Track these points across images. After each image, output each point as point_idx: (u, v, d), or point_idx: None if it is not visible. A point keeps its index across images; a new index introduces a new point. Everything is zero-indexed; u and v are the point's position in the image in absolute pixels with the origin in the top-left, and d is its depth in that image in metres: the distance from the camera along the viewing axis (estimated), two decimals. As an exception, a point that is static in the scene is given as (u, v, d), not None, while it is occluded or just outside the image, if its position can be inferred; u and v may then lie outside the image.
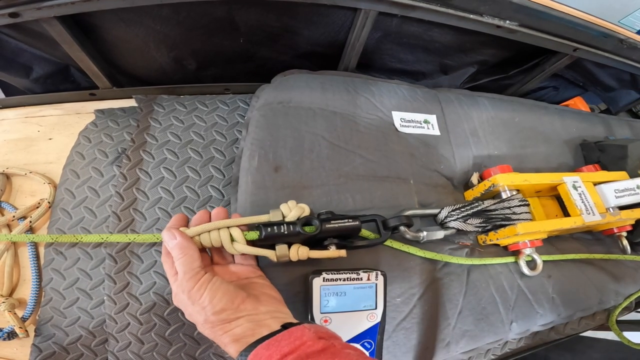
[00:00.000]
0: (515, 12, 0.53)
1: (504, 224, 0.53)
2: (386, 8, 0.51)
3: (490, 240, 0.55)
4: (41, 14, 0.43)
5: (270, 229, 0.40)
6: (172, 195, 0.50)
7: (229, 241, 0.39)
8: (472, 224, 0.52)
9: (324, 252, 0.42)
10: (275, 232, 0.40)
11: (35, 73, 0.57)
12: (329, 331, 0.34)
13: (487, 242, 0.55)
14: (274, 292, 0.39)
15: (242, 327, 0.33)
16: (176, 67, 0.59)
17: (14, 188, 0.52)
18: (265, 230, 0.40)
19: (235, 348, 0.32)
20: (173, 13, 0.49)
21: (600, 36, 0.60)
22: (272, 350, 0.30)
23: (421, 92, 0.64)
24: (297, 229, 0.40)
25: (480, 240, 0.56)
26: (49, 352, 0.42)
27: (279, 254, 0.41)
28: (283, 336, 0.31)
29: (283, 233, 0.40)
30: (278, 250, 0.41)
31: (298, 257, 0.41)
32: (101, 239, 0.42)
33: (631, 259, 0.63)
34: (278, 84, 0.56)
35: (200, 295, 0.34)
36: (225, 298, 0.34)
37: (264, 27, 0.55)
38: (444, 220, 0.52)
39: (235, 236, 0.39)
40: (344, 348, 0.32)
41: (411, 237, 0.50)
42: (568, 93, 0.88)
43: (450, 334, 0.49)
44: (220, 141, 0.54)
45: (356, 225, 0.43)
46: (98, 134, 0.53)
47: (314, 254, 0.42)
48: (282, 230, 0.40)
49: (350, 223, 0.43)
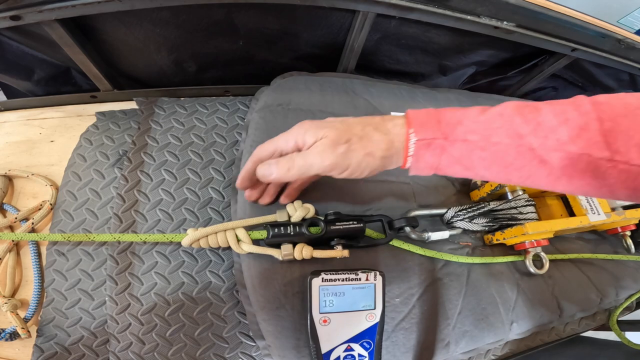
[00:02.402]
0: (512, 13, 0.54)
1: (511, 224, 0.53)
2: (384, 10, 0.52)
3: (496, 240, 0.55)
4: (42, 17, 0.44)
5: (278, 229, 0.42)
6: (173, 197, 0.50)
7: (236, 241, 0.41)
8: (479, 224, 0.52)
9: (328, 252, 0.43)
10: (282, 232, 0.42)
11: (37, 75, 0.57)
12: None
13: (494, 241, 0.55)
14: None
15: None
16: (176, 69, 0.59)
17: (16, 190, 0.52)
18: (273, 230, 0.42)
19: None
20: (172, 16, 0.50)
21: (598, 36, 0.60)
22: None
23: (421, 93, 0.64)
24: (303, 230, 0.42)
25: (487, 240, 0.56)
26: (51, 353, 0.43)
27: (285, 253, 0.42)
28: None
29: (289, 233, 0.42)
30: (283, 249, 0.42)
31: (302, 256, 0.42)
32: (112, 237, 0.43)
33: (634, 259, 0.63)
34: (277, 86, 0.56)
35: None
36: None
37: (263, 30, 0.55)
38: (450, 220, 0.52)
39: (241, 236, 0.41)
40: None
41: (417, 237, 0.50)
42: (567, 93, 0.88)
43: (450, 334, 0.49)
44: (221, 143, 0.55)
45: (360, 227, 0.44)
46: (99, 136, 0.54)
47: (318, 253, 0.43)
48: (288, 230, 0.42)
49: (354, 225, 0.44)
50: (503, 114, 0.34)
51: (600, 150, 0.31)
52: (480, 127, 0.34)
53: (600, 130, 0.31)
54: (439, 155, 0.35)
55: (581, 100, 0.33)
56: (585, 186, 0.33)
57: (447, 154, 0.35)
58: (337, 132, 0.35)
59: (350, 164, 0.36)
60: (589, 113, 0.32)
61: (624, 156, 0.30)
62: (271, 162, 0.39)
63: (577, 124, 0.32)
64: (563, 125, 0.32)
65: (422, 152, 0.35)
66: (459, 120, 0.35)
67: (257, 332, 0.44)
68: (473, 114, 0.35)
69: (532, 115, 0.33)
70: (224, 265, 0.48)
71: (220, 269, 0.48)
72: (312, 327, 0.41)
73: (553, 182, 0.34)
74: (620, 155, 0.30)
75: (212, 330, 0.45)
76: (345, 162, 0.35)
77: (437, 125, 0.35)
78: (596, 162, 0.31)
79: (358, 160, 0.35)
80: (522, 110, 0.34)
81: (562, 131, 0.32)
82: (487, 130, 0.34)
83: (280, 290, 0.44)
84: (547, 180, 0.35)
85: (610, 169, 0.31)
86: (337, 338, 0.42)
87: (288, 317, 0.43)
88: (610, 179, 0.32)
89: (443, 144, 0.35)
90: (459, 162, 0.35)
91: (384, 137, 0.36)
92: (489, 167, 0.35)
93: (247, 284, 0.44)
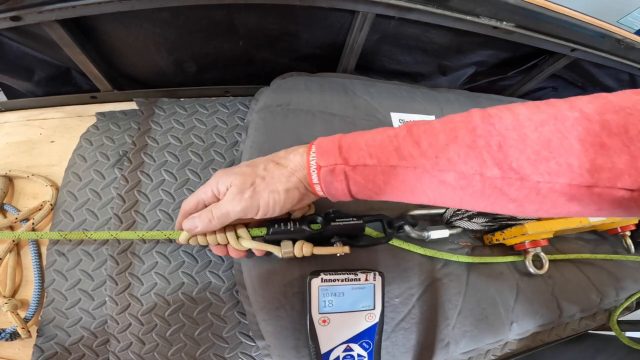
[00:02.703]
0: (511, 13, 0.54)
1: (510, 224, 0.53)
2: (383, 10, 0.52)
3: (496, 240, 0.55)
4: (42, 18, 0.44)
5: (277, 225, 0.42)
6: (173, 198, 0.50)
7: (235, 238, 0.41)
8: (478, 223, 0.53)
9: (328, 248, 0.43)
10: (282, 229, 0.42)
11: (37, 76, 0.57)
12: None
13: (494, 241, 0.55)
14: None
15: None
16: (176, 70, 0.59)
17: (16, 190, 0.52)
18: (273, 227, 0.42)
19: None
20: (172, 17, 0.50)
21: (597, 36, 0.60)
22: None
23: (420, 93, 0.64)
24: (303, 227, 0.42)
25: (487, 240, 0.57)
26: (51, 353, 0.43)
27: (285, 250, 0.42)
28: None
29: (289, 230, 0.42)
30: (283, 246, 0.42)
31: (302, 253, 0.42)
32: (110, 235, 0.43)
33: (633, 259, 0.63)
34: (277, 86, 0.56)
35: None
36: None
37: (263, 30, 0.55)
38: (449, 219, 0.52)
39: (241, 233, 0.41)
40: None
41: (416, 236, 0.50)
42: (567, 93, 0.88)
43: (450, 335, 0.49)
44: (220, 144, 0.55)
45: (359, 224, 0.44)
46: (99, 137, 0.54)
47: (318, 250, 0.43)
48: (289, 227, 0.42)
49: (353, 222, 0.44)
50: (397, 135, 0.33)
51: (490, 169, 0.30)
52: (377, 151, 0.33)
53: (486, 147, 0.30)
54: (345, 181, 0.35)
55: (471, 116, 0.32)
56: (492, 205, 0.32)
57: (352, 180, 0.34)
58: (243, 178, 0.36)
59: (260, 205, 0.36)
60: (477, 129, 0.30)
61: (517, 172, 0.29)
62: (194, 216, 0.39)
63: (465, 142, 0.30)
64: (452, 144, 0.31)
65: (329, 179, 0.35)
66: (357, 144, 0.34)
67: (256, 332, 0.44)
68: (370, 136, 0.35)
69: (425, 136, 0.32)
70: (224, 266, 0.48)
71: (220, 269, 0.48)
72: (311, 327, 0.41)
73: (462, 203, 0.33)
74: (514, 172, 0.29)
75: (212, 330, 0.45)
76: (255, 204, 0.36)
77: (339, 150, 0.35)
78: (491, 181, 0.30)
79: (265, 200, 0.36)
80: (413, 131, 0.33)
81: (452, 150, 0.31)
82: (384, 154, 0.33)
83: (279, 291, 0.44)
84: (456, 202, 0.33)
85: (506, 186, 0.30)
86: (336, 338, 0.42)
87: (287, 318, 0.43)
88: (511, 195, 0.30)
89: (345, 169, 0.34)
90: (366, 187, 0.35)
91: (284, 170, 0.36)
92: (395, 191, 0.34)
93: (247, 284, 0.44)
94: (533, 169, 0.28)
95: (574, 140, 0.27)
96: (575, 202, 0.28)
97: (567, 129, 0.27)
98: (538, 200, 0.29)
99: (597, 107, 0.28)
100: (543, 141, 0.28)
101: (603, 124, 0.27)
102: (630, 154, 0.26)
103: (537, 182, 0.28)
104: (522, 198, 0.30)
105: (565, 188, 0.28)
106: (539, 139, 0.28)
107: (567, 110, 0.28)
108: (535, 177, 0.28)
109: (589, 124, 0.27)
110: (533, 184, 0.29)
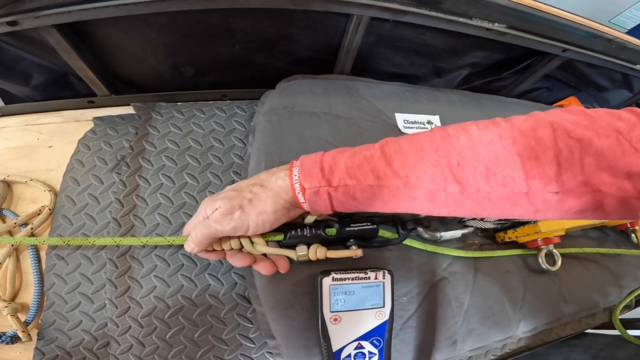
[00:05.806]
0: (503, 15, 0.54)
1: (522, 222, 0.54)
2: (378, 13, 0.52)
3: (509, 238, 0.56)
4: (39, 22, 0.44)
5: (295, 231, 0.43)
6: (171, 202, 0.51)
7: (250, 243, 0.42)
8: (491, 221, 0.53)
9: (342, 252, 0.44)
10: (299, 234, 0.43)
11: (35, 81, 0.57)
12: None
13: (506, 239, 0.56)
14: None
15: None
16: (174, 74, 0.60)
17: (15, 195, 0.52)
18: (290, 232, 0.43)
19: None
20: (169, 21, 0.50)
21: (589, 36, 0.61)
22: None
23: (423, 94, 0.64)
24: (320, 232, 0.43)
25: (499, 238, 0.57)
26: (52, 356, 0.43)
27: (300, 254, 0.43)
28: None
29: (306, 235, 0.43)
30: (298, 250, 0.43)
31: (317, 257, 0.43)
32: (113, 241, 0.44)
33: (638, 254, 0.64)
34: (282, 89, 0.57)
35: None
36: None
37: (259, 34, 0.55)
38: (462, 218, 0.53)
39: (255, 238, 0.42)
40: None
41: (429, 237, 0.51)
42: (561, 93, 0.89)
43: (457, 332, 0.50)
44: (218, 147, 0.55)
45: (374, 228, 0.46)
46: (97, 142, 0.54)
47: (331, 254, 0.43)
48: (305, 232, 0.43)
49: (368, 227, 0.45)
50: (373, 157, 0.37)
51: (451, 185, 0.34)
52: (355, 172, 0.37)
53: (448, 166, 0.34)
54: (329, 200, 0.38)
55: (434, 137, 0.36)
56: (453, 212, 0.37)
57: (335, 199, 0.38)
58: (230, 201, 0.38)
59: (249, 225, 0.39)
60: (439, 149, 0.35)
61: (472, 186, 0.34)
62: (188, 239, 0.42)
63: (430, 161, 0.35)
64: (420, 163, 0.35)
65: (314, 198, 0.38)
66: (337, 165, 0.37)
67: (267, 331, 0.45)
68: (348, 157, 0.38)
69: (396, 156, 0.36)
70: (223, 268, 0.48)
71: (219, 272, 0.48)
72: (323, 325, 0.42)
73: (429, 212, 0.38)
74: (470, 186, 0.34)
75: (212, 332, 0.46)
76: (244, 224, 0.38)
77: (321, 173, 0.37)
78: (452, 195, 0.35)
79: (254, 221, 0.38)
80: (386, 151, 0.37)
81: (420, 169, 0.35)
82: (362, 175, 0.36)
83: (289, 290, 0.44)
84: (424, 211, 0.38)
85: (464, 198, 0.35)
86: (347, 336, 0.43)
87: (297, 317, 0.44)
88: (468, 204, 0.35)
89: (328, 190, 0.37)
90: (347, 203, 0.38)
91: (270, 192, 0.39)
92: (371, 206, 0.38)
93: (257, 284, 0.45)
94: (485, 182, 0.34)
95: (515, 155, 0.33)
96: (518, 206, 0.34)
97: (510, 146, 0.33)
98: (489, 207, 0.35)
99: (531, 125, 0.33)
100: (492, 158, 0.33)
101: (537, 139, 0.32)
102: (558, 163, 0.32)
103: (489, 192, 0.34)
104: (477, 206, 0.35)
105: (510, 195, 0.34)
106: (489, 157, 0.33)
107: (509, 129, 0.34)
108: (487, 188, 0.34)
109: (527, 140, 0.33)
110: (485, 194, 0.34)
